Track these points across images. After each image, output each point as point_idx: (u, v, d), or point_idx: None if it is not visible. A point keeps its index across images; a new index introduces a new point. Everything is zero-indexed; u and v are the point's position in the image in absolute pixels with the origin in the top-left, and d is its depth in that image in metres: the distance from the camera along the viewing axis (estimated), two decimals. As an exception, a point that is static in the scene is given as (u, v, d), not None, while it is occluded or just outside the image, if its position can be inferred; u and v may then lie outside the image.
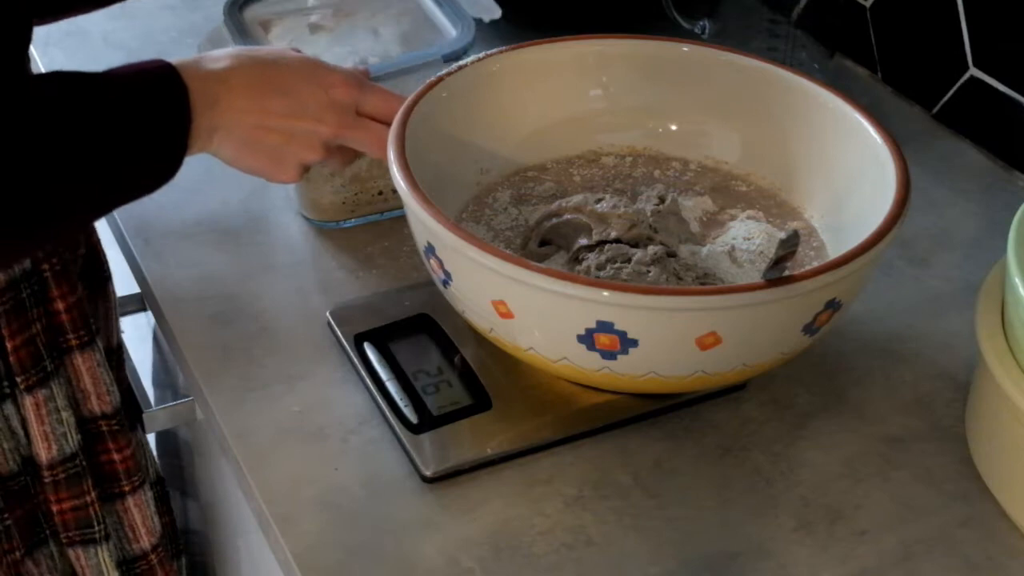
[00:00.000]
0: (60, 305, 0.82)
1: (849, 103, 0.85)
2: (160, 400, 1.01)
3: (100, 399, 0.86)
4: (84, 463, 0.85)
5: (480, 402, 0.80)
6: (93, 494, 0.86)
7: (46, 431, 0.83)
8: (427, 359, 0.83)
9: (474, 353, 0.83)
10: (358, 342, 0.84)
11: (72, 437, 0.84)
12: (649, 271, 0.78)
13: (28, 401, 0.82)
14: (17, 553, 0.86)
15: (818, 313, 0.73)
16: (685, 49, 0.91)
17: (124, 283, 0.96)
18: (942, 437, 0.81)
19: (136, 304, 0.98)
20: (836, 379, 0.85)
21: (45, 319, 0.82)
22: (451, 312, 0.80)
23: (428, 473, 0.76)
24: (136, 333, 1.07)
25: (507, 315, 0.73)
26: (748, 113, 0.90)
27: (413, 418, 0.78)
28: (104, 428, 0.86)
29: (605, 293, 0.69)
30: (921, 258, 0.96)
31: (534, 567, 0.71)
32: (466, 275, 0.74)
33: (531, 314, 0.72)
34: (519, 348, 0.75)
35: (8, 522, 0.85)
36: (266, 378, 0.83)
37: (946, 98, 1.11)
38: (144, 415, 0.94)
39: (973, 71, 1.07)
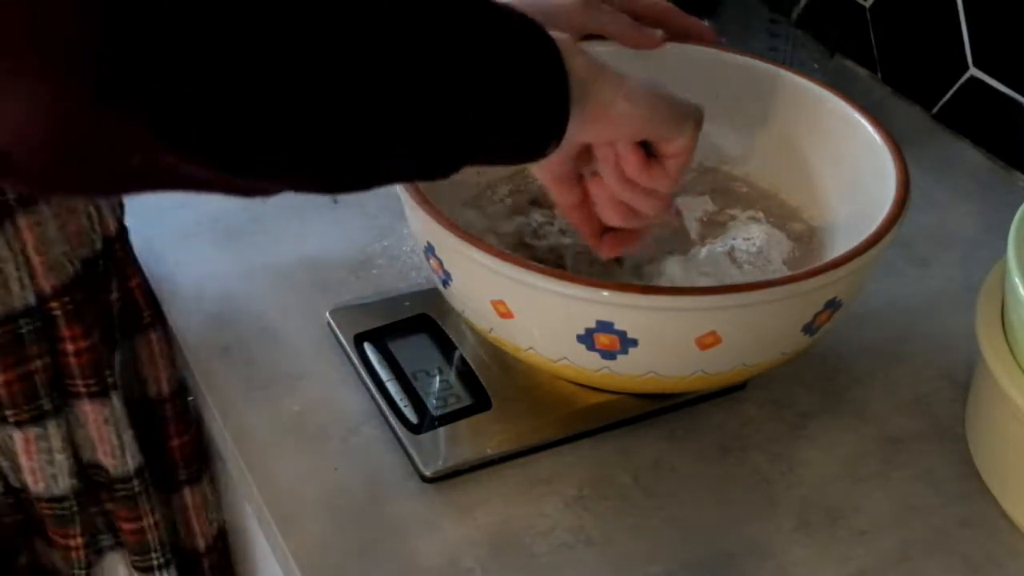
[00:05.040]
0: (69, 347, 0.78)
1: (849, 103, 0.85)
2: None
3: (106, 455, 0.81)
4: (75, 509, 0.81)
5: (480, 402, 0.80)
6: (80, 540, 0.83)
7: (34, 466, 0.79)
8: (427, 359, 0.83)
9: (474, 353, 0.83)
10: (358, 342, 0.84)
11: (64, 481, 0.80)
12: None
13: (17, 435, 0.78)
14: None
15: (818, 313, 0.73)
16: (685, 49, 0.91)
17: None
18: (942, 437, 0.81)
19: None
20: (836, 379, 0.85)
21: (49, 358, 0.78)
22: (451, 312, 0.80)
23: (428, 473, 0.76)
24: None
25: (507, 315, 0.73)
26: (748, 113, 0.90)
27: (413, 418, 0.78)
28: (100, 479, 0.82)
29: (605, 293, 0.69)
30: (921, 258, 0.96)
31: (534, 567, 0.71)
32: (466, 275, 0.74)
33: (531, 314, 0.72)
34: (519, 348, 0.75)
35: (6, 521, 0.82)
36: (266, 378, 0.83)
37: (946, 98, 1.11)
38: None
39: (973, 71, 1.07)
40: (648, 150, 0.68)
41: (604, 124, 0.63)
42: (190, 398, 0.88)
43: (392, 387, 0.80)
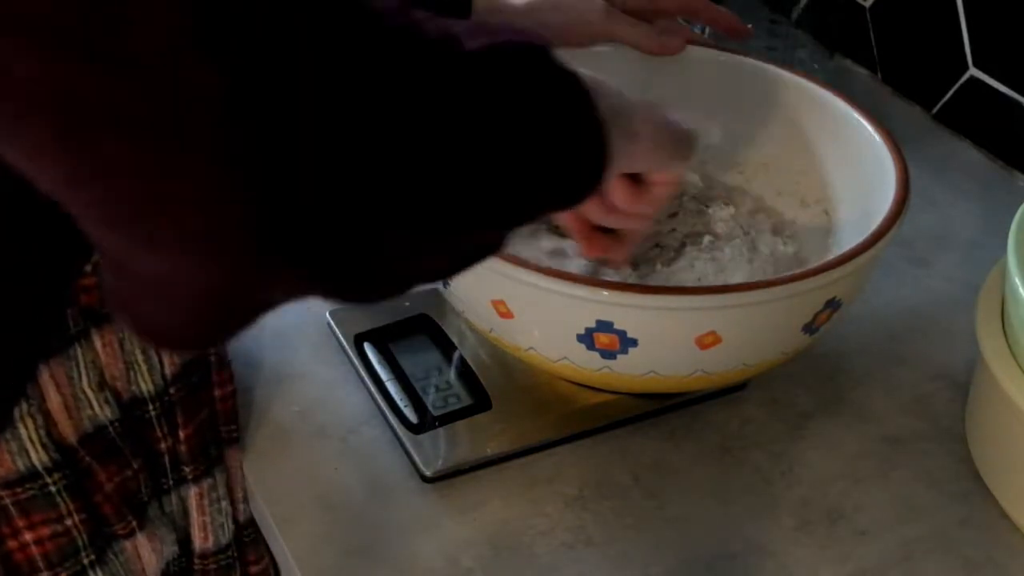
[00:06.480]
0: (217, 392, 0.76)
1: (849, 103, 0.85)
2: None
3: (237, 500, 0.79)
4: (235, 556, 0.79)
5: (480, 402, 0.80)
6: None
7: (205, 521, 0.77)
8: (427, 359, 0.83)
9: (474, 353, 0.83)
10: (358, 342, 0.84)
11: (228, 527, 0.78)
12: None
13: (193, 491, 0.75)
14: None
15: (818, 312, 0.73)
16: (685, 49, 0.91)
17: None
18: (942, 437, 0.81)
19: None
20: (836, 379, 0.85)
21: (209, 406, 0.76)
22: (451, 312, 0.80)
23: (428, 473, 0.76)
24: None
25: (507, 315, 0.73)
26: (748, 114, 0.90)
27: (413, 418, 0.78)
28: (243, 536, 0.81)
29: (605, 293, 0.69)
30: (921, 258, 0.96)
31: (534, 567, 0.71)
32: (466, 275, 0.74)
33: (531, 314, 0.72)
34: (519, 348, 0.75)
35: None
36: (266, 378, 0.83)
37: (946, 98, 1.11)
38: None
39: (973, 71, 1.07)
40: (635, 176, 0.69)
41: (615, 165, 0.62)
42: None
43: (392, 387, 0.80)
